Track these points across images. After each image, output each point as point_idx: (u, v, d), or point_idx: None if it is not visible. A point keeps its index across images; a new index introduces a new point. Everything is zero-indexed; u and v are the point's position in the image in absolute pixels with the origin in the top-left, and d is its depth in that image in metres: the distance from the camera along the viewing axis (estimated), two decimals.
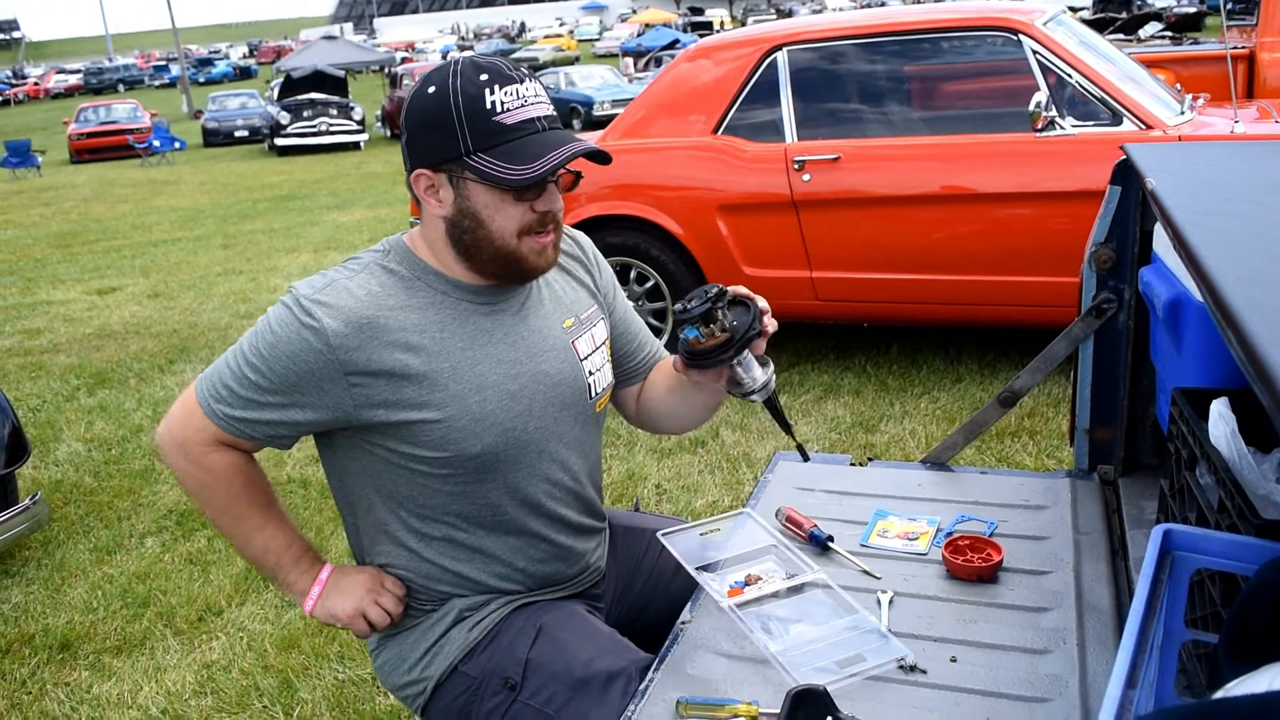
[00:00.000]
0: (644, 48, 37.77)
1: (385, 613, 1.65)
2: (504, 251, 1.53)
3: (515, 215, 1.50)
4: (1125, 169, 1.89)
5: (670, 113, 5.00)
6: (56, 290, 8.85)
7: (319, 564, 1.69)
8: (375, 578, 1.66)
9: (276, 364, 1.49)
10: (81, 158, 24.66)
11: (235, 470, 1.59)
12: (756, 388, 1.54)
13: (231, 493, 1.60)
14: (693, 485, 3.89)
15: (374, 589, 1.65)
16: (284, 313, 1.50)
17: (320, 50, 32.45)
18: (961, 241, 4.41)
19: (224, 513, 1.63)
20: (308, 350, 1.47)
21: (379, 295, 1.52)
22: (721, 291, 1.48)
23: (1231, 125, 4.13)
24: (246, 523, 1.63)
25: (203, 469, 1.58)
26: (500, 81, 1.46)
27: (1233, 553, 1.13)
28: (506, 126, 1.46)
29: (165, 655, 3.05)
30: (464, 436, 1.54)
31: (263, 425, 1.54)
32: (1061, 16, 4.70)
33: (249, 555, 1.68)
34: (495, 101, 1.45)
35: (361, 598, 1.64)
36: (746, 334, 1.48)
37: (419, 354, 1.52)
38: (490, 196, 1.49)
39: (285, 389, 1.50)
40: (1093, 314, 2.00)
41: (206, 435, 1.56)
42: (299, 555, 1.67)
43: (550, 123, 1.51)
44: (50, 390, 5.81)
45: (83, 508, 4.16)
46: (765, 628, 1.54)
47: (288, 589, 1.69)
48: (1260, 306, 0.94)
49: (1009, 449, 3.95)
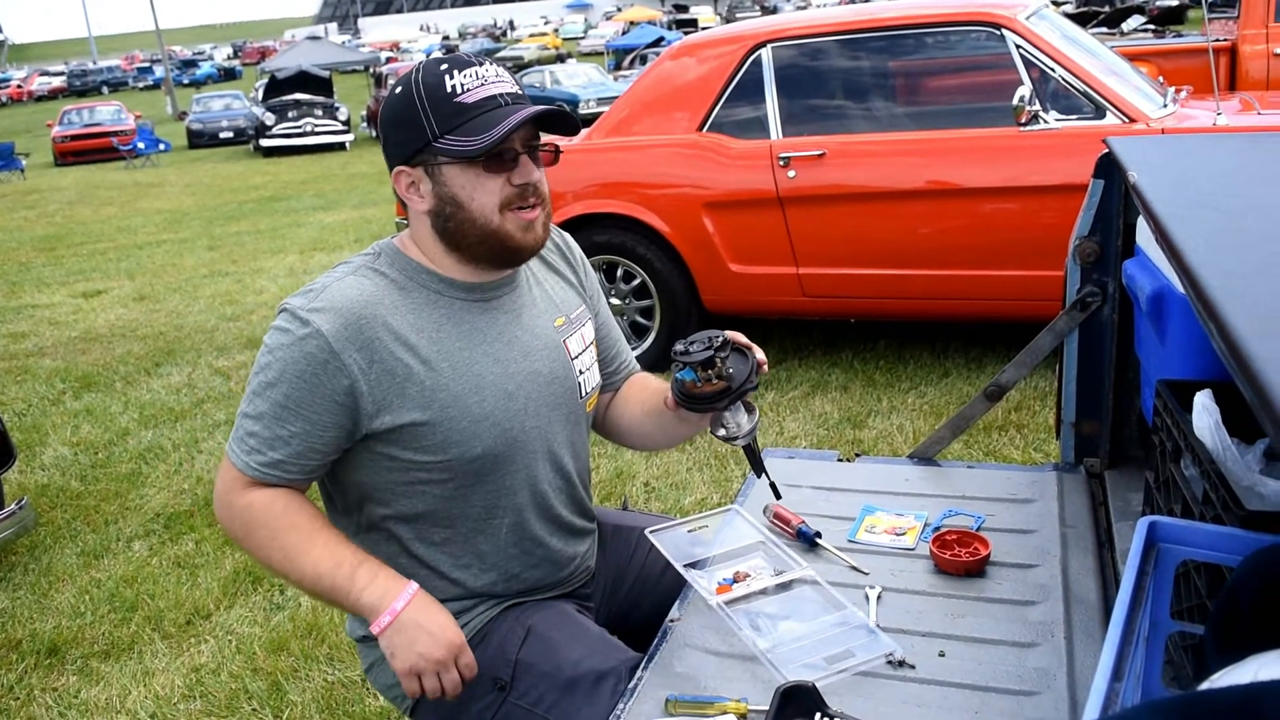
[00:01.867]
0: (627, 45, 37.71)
1: (441, 688, 1.51)
2: (489, 230, 1.53)
3: (494, 190, 1.51)
4: (1108, 162, 1.90)
5: (655, 110, 5.00)
6: (41, 294, 8.80)
7: (387, 582, 1.52)
8: (457, 643, 1.51)
9: (287, 387, 1.47)
10: (66, 160, 24.51)
11: (271, 499, 1.53)
12: (741, 434, 1.55)
13: (270, 524, 1.52)
14: (681, 483, 3.89)
15: (449, 656, 1.50)
16: (280, 335, 1.49)
17: (305, 51, 32.30)
18: (947, 236, 4.42)
19: (271, 548, 1.52)
20: (312, 362, 1.46)
21: (373, 295, 1.52)
22: (725, 341, 1.48)
23: (1214, 118, 4.15)
24: (292, 552, 1.52)
25: (241, 509, 1.53)
26: (459, 66, 1.50)
27: (1217, 544, 1.14)
28: (468, 105, 1.48)
29: (153, 659, 3.04)
30: (464, 438, 1.54)
31: (293, 461, 1.50)
32: (1044, 11, 4.71)
33: (308, 588, 1.54)
34: (455, 85, 1.48)
35: (431, 657, 1.49)
36: (743, 386, 1.49)
37: (418, 353, 1.52)
38: (466, 176, 1.50)
39: (302, 411, 1.48)
40: (1077, 307, 2.01)
41: (241, 484, 1.53)
42: (351, 572, 1.51)
43: (513, 98, 1.51)
44: (36, 394, 5.78)
45: (69, 512, 4.14)
46: (754, 625, 1.54)
47: (356, 611, 1.53)
48: (1241, 299, 0.94)
49: (996, 443, 3.96)
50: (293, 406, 1.48)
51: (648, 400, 1.78)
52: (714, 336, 1.49)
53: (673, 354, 1.50)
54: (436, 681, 1.50)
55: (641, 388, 1.85)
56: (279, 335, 1.49)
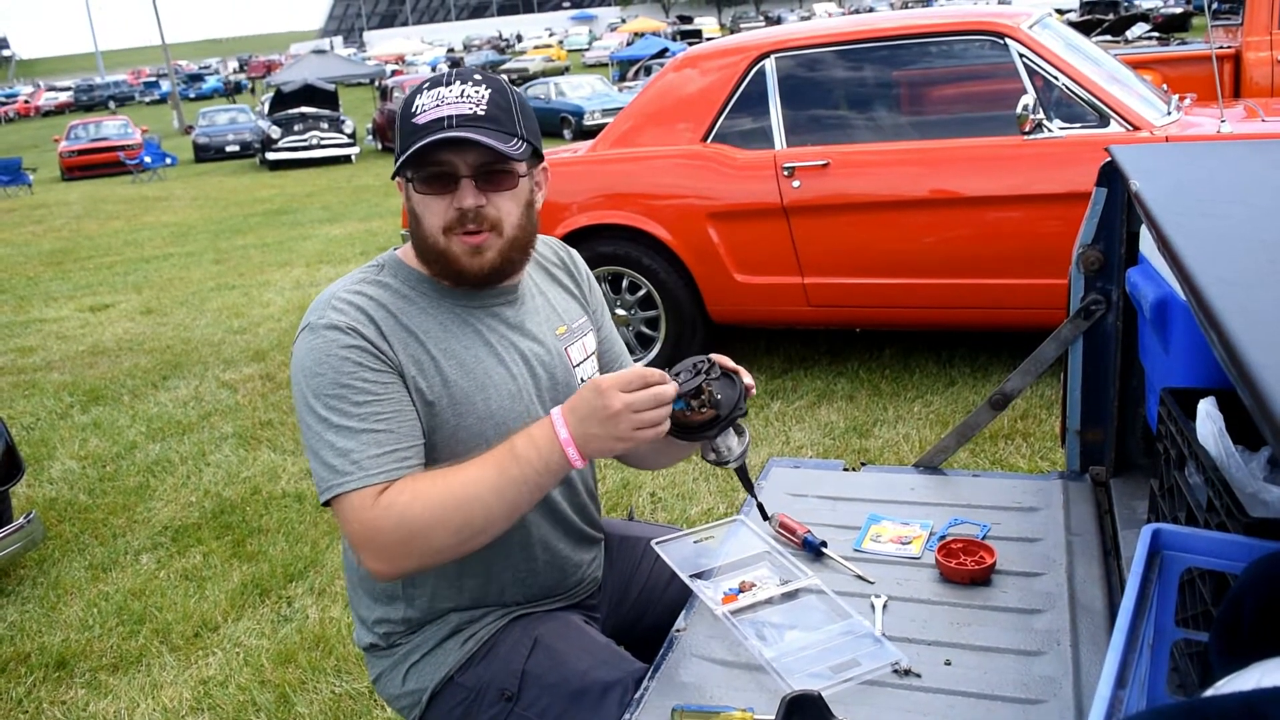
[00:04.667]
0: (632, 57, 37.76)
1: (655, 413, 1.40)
2: (436, 249, 1.55)
3: (439, 211, 1.53)
4: (1110, 171, 1.90)
5: (659, 122, 5.01)
6: (49, 308, 8.84)
7: (538, 435, 1.45)
8: (610, 391, 1.39)
9: (351, 386, 1.47)
10: (73, 175, 24.61)
11: (393, 496, 1.44)
12: (732, 458, 1.55)
13: (422, 509, 1.43)
14: (688, 493, 3.89)
15: (624, 405, 1.38)
16: (314, 349, 1.49)
17: (310, 64, 32.37)
18: (952, 245, 4.42)
19: (446, 524, 1.43)
20: (356, 352, 1.48)
21: (379, 300, 1.55)
22: (711, 365, 1.49)
23: (1218, 125, 4.15)
24: (463, 503, 1.43)
25: (391, 524, 1.43)
26: (430, 85, 1.52)
27: (1221, 551, 1.13)
28: (418, 126, 1.49)
29: (162, 672, 3.04)
30: (470, 436, 1.56)
31: (405, 444, 1.48)
32: (1047, 19, 4.72)
33: (508, 510, 1.46)
34: (417, 104, 1.51)
35: (620, 431, 1.39)
36: (732, 413, 1.49)
37: (427, 351, 1.54)
38: (417, 196, 1.54)
39: (378, 395, 1.48)
40: (1081, 316, 2.01)
41: (371, 503, 1.44)
42: (515, 460, 1.44)
43: (462, 121, 1.47)
44: (44, 408, 5.80)
45: (77, 525, 4.15)
46: (759, 634, 1.54)
47: (559, 473, 1.46)
48: (1242, 307, 0.94)
49: (1003, 451, 3.96)
50: (370, 398, 1.47)
51: None
52: (699, 363, 1.49)
53: None
54: (650, 414, 1.39)
55: None
56: (313, 351, 1.49)
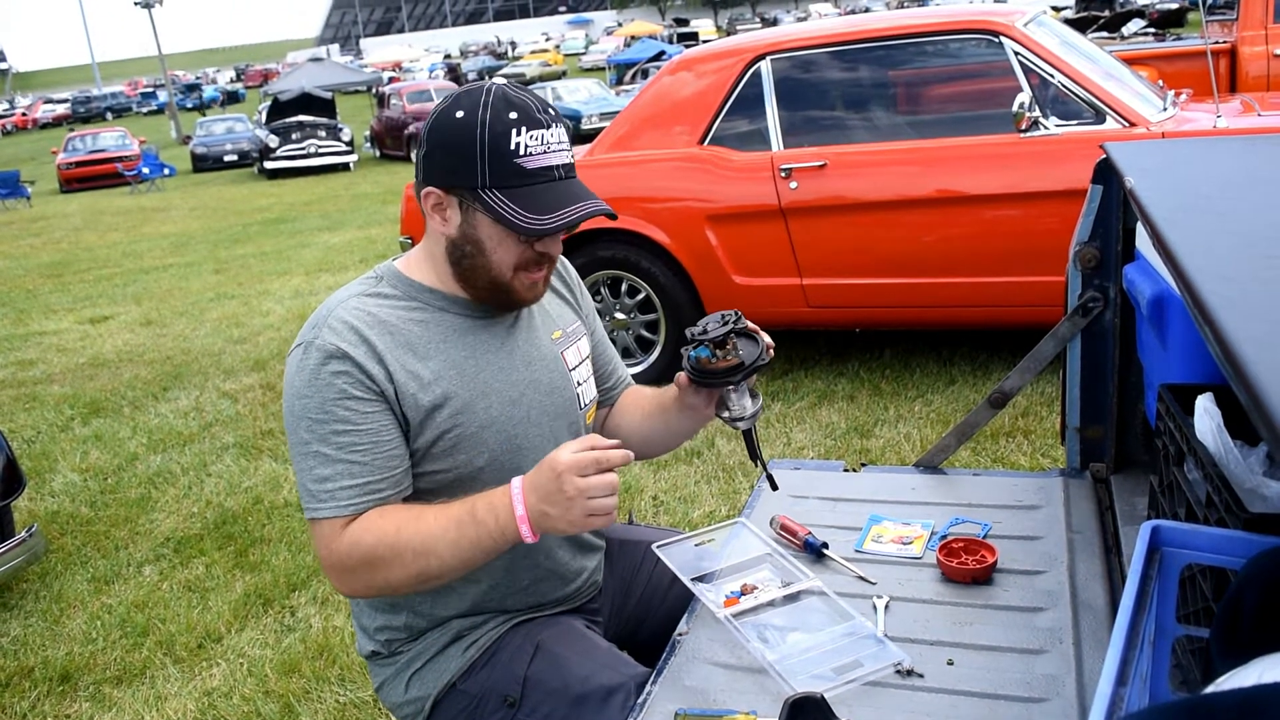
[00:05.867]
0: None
1: (607, 497, 1.39)
2: (498, 282, 1.56)
3: (516, 252, 1.53)
4: (1106, 168, 1.90)
5: (656, 125, 5.02)
6: (49, 320, 8.84)
7: (495, 502, 1.45)
8: (567, 470, 1.37)
9: (333, 414, 1.47)
10: (71, 187, 24.64)
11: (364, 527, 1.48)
12: (745, 415, 1.62)
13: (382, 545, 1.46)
14: (689, 496, 3.89)
15: (579, 489, 1.37)
16: (302, 371, 1.49)
17: (307, 72, 32.44)
18: (950, 244, 4.43)
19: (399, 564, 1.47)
20: (342, 378, 1.48)
21: (377, 315, 1.54)
22: (738, 318, 1.58)
23: (1214, 120, 4.15)
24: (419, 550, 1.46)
25: (349, 553, 1.47)
26: (528, 124, 1.47)
27: (1221, 547, 1.13)
28: (526, 170, 1.47)
29: (166, 684, 3.04)
30: (472, 444, 1.56)
31: (378, 477, 1.49)
32: (1042, 17, 4.72)
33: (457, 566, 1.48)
34: (520, 144, 1.47)
35: (574, 508, 1.38)
36: (755, 362, 1.57)
37: (427, 362, 1.54)
38: (495, 230, 1.51)
39: (358, 427, 1.48)
40: (1079, 313, 2.01)
41: (339, 531, 1.48)
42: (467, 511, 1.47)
43: (567, 171, 1.52)
44: (45, 421, 5.80)
45: (80, 538, 4.15)
46: (762, 637, 1.54)
47: (502, 541, 1.46)
48: (1236, 303, 0.94)
49: (1004, 449, 3.96)
50: (349, 429, 1.48)
51: (646, 404, 1.83)
52: (727, 315, 1.57)
53: (689, 334, 1.59)
54: (601, 502, 1.38)
55: (637, 396, 1.90)
56: (302, 373, 1.49)
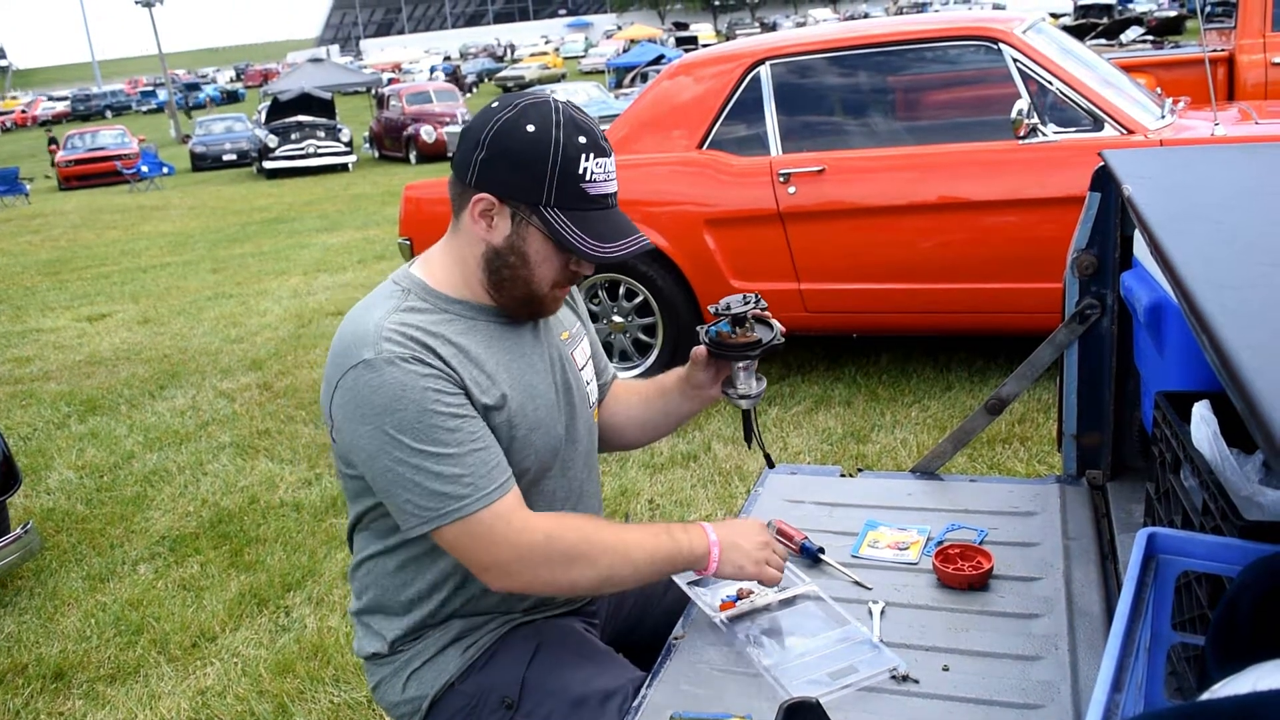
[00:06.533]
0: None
1: (777, 568, 1.64)
2: (535, 295, 1.58)
3: (558, 269, 1.56)
4: (1104, 175, 1.91)
5: (654, 129, 5.02)
6: (46, 318, 8.83)
7: (693, 530, 1.62)
8: (761, 535, 1.66)
9: (435, 409, 1.46)
10: (70, 185, 24.62)
11: (556, 524, 1.55)
12: (751, 393, 1.71)
13: (581, 544, 1.54)
14: (686, 499, 3.89)
15: (764, 549, 1.64)
16: (379, 390, 1.46)
17: (307, 73, 32.44)
18: (947, 250, 4.43)
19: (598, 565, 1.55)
20: (425, 374, 1.47)
21: (424, 326, 1.52)
22: (759, 300, 1.69)
23: (1212, 128, 4.16)
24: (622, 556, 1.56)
25: (548, 541, 1.52)
26: (595, 151, 1.51)
27: (1216, 554, 1.14)
28: (590, 196, 1.51)
29: (159, 682, 3.04)
30: (523, 447, 1.58)
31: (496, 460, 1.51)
32: (1040, 24, 4.73)
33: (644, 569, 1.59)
34: (587, 169, 1.50)
35: (757, 556, 1.63)
36: (772, 341, 1.69)
37: (480, 367, 1.54)
38: (545, 247, 1.53)
39: (459, 420, 1.48)
40: (1076, 320, 2.01)
41: (517, 513, 1.52)
42: (662, 529, 1.62)
43: (615, 200, 1.58)
44: (41, 418, 5.79)
45: (75, 536, 4.14)
46: (757, 641, 1.55)
47: (686, 560, 1.62)
48: (1233, 311, 0.95)
49: (1001, 456, 3.96)
50: (460, 422, 1.48)
51: (645, 390, 1.90)
52: (748, 297, 1.68)
53: (712, 310, 1.70)
54: (776, 566, 1.64)
55: (629, 386, 1.95)
56: (382, 390, 1.45)
